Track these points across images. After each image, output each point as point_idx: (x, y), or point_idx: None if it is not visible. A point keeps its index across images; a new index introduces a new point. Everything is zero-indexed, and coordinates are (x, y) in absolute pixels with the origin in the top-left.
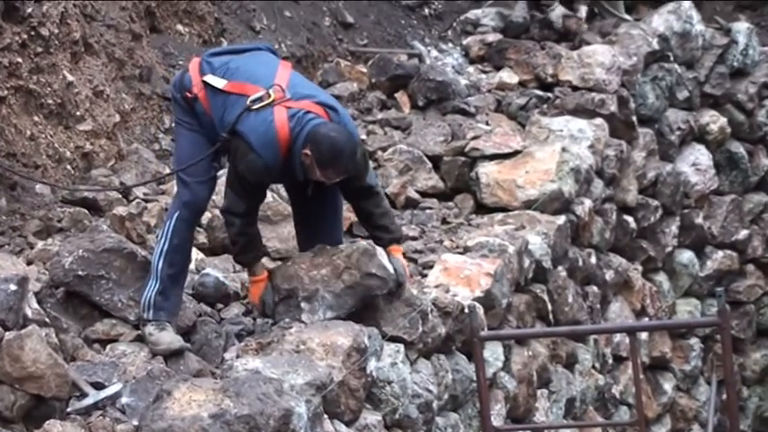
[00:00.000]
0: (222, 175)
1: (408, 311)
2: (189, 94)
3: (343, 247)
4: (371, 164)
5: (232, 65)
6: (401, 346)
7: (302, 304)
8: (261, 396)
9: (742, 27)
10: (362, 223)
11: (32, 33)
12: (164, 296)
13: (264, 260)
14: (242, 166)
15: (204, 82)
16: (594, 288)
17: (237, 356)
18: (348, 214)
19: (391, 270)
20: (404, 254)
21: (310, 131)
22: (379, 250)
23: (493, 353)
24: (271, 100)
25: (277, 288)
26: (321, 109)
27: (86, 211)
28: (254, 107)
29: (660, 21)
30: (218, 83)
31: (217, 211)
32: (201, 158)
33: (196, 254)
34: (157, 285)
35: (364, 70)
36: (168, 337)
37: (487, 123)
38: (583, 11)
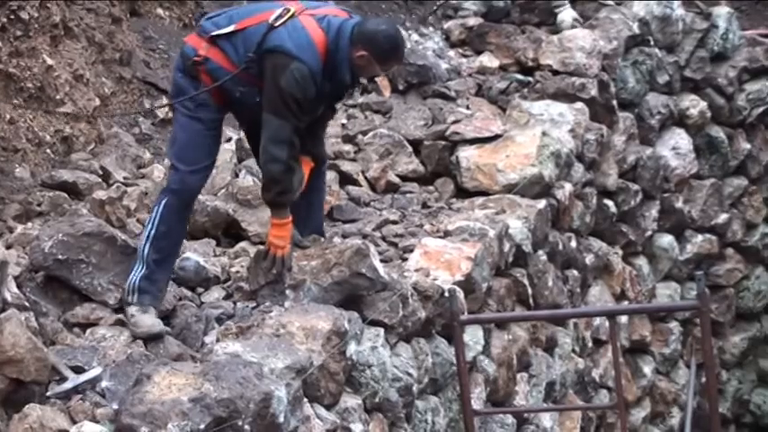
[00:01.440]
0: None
1: (388, 295)
2: (197, 59)
3: (337, 241)
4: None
5: (233, 13)
6: (381, 330)
7: (287, 291)
8: (241, 380)
9: (722, 11)
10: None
11: (12, 17)
12: (149, 281)
13: (245, 244)
14: (284, 79)
15: (212, 37)
16: (575, 272)
17: (217, 340)
18: (329, 198)
19: (382, 273)
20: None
21: (355, 32)
22: (372, 251)
23: (473, 336)
24: (291, 13)
25: (265, 272)
26: (342, 11)
27: (66, 195)
28: (277, 23)
29: (641, 5)
30: (228, 29)
31: (199, 197)
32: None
33: None
34: (143, 270)
35: None
36: (149, 321)
37: (468, 107)
38: None
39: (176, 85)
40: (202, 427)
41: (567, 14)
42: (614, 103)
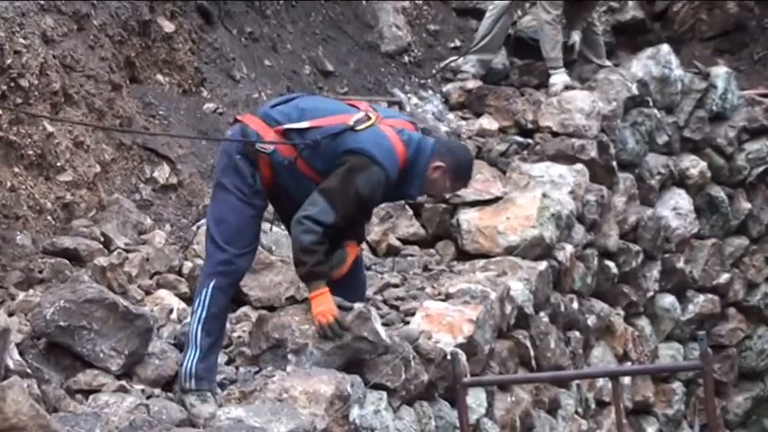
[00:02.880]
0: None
1: (391, 359)
2: (264, 148)
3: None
4: None
5: (304, 106)
6: (384, 394)
7: (289, 356)
8: None
9: (721, 71)
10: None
11: (12, 84)
12: (204, 364)
13: (246, 309)
14: (361, 178)
15: (285, 130)
16: (577, 333)
17: (220, 405)
18: None
19: (384, 337)
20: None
21: (435, 145)
22: (374, 314)
23: (476, 399)
24: (373, 120)
25: (267, 336)
26: (412, 126)
27: (67, 262)
28: (358, 127)
29: (639, 66)
30: (302, 125)
31: (199, 261)
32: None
33: (178, 303)
34: (197, 354)
35: None
36: (210, 409)
37: None
38: (577, 42)
39: (235, 167)
40: None
41: (558, 78)
42: (614, 163)
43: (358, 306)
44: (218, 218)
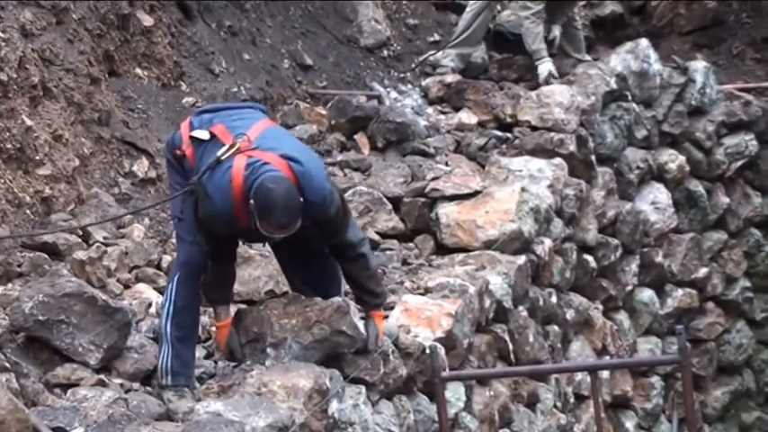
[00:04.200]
0: None
1: (369, 353)
2: (178, 152)
3: (318, 300)
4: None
5: (216, 120)
6: (363, 388)
7: (268, 350)
8: None
9: (699, 66)
10: (348, 284)
11: None
12: (179, 360)
13: None
14: (200, 211)
15: (191, 137)
16: (555, 327)
17: (198, 400)
18: None
19: (362, 331)
20: (386, 316)
21: (258, 184)
22: (353, 309)
23: (454, 393)
24: (236, 149)
25: (245, 329)
26: (282, 161)
27: (46, 256)
28: (223, 158)
29: (618, 60)
30: (203, 135)
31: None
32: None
33: (157, 297)
34: (170, 350)
35: (324, 112)
36: (188, 404)
37: (447, 164)
38: (557, 36)
39: (170, 165)
40: None
41: (544, 67)
42: (593, 158)
43: (336, 300)
44: (173, 215)
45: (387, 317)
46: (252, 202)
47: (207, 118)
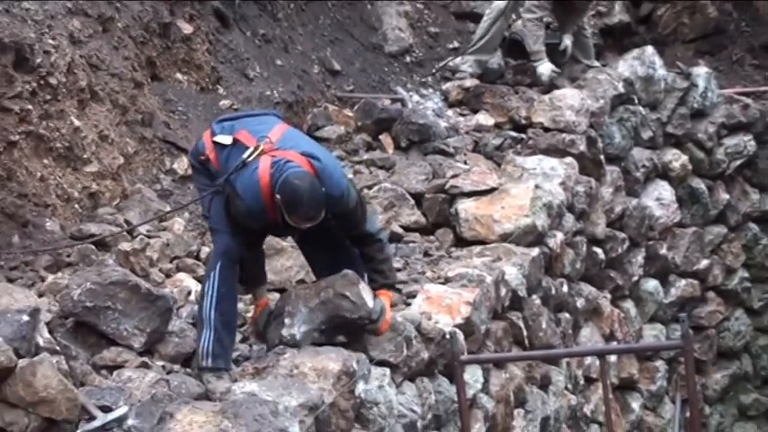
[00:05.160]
0: None
1: (393, 336)
2: (202, 158)
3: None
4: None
5: (237, 125)
6: (387, 370)
7: (286, 320)
8: (257, 417)
9: (701, 71)
10: (365, 263)
11: (42, 82)
12: (220, 343)
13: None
14: (232, 208)
15: (214, 142)
16: (566, 315)
17: (235, 381)
18: None
19: (368, 303)
20: (393, 305)
21: (281, 179)
22: (363, 284)
23: (473, 375)
24: (260, 150)
25: (275, 306)
26: (303, 159)
27: (93, 247)
28: (249, 160)
29: (625, 66)
30: (226, 140)
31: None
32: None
33: (196, 285)
34: (212, 334)
35: (351, 114)
36: (224, 386)
37: (466, 163)
38: (568, 46)
39: (195, 169)
40: None
41: (544, 68)
42: (602, 157)
43: (348, 271)
44: (205, 212)
45: (396, 304)
46: (279, 197)
47: (227, 125)
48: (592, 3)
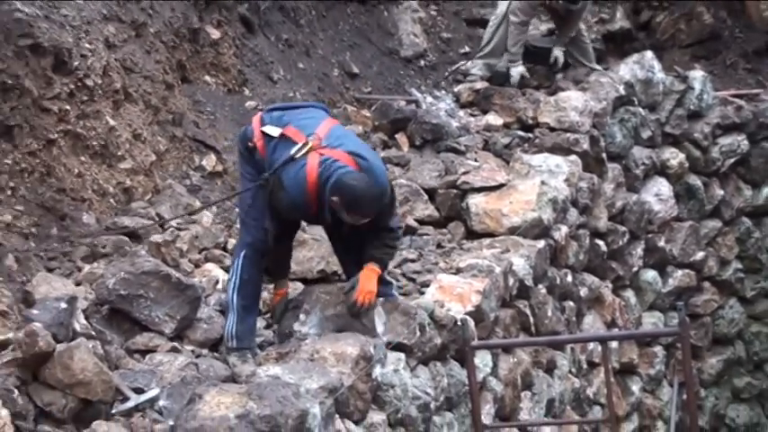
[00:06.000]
0: None
1: (405, 319)
2: (250, 144)
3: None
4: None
5: (285, 118)
6: (402, 355)
7: (301, 316)
8: (280, 399)
9: (698, 75)
10: (370, 242)
11: (79, 84)
12: (241, 325)
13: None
14: (275, 199)
15: (262, 132)
16: (571, 303)
17: (259, 364)
18: None
19: (378, 328)
20: (381, 279)
21: (336, 180)
22: (378, 309)
23: (482, 360)
24: (309, 147)
25: (295, 297)
26: (350, 157)
27: (127, 239)
28: (297, 156)
29: (626, 70)
30: (274, 131)
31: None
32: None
33: (223, 275)
34: (235, 317)
35: (368, 114)
36: (248, 369)
37: (476, 160)
38: (559, 57)
39: (241, 155)
40: None
41: (515, 71)
42: (604, 155)
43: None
44: (241, 200)
45: (386, 281)
46: (336, 198)
47: (277, 115)
48: (582, 15)
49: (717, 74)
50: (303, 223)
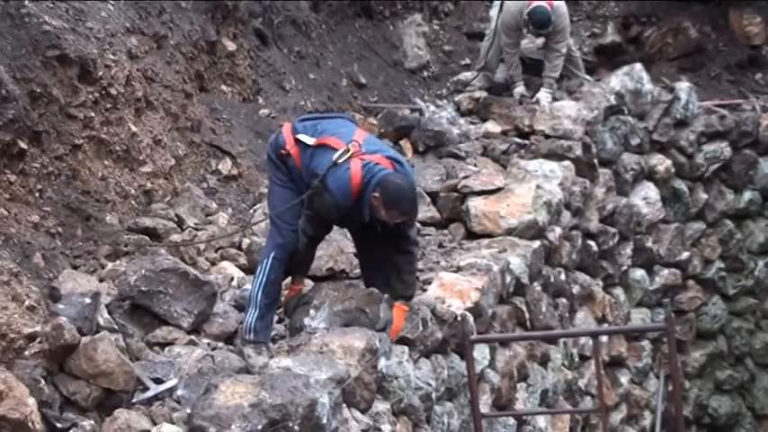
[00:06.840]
0: None
1: (409, 315)
2: (283, 152)
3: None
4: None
5: (319, 127)
6: (406, 348)
7: (311, 311)
8: (291, 389)
9: (684, 86)
10: (390, 272)
11: (103, 92)
12: (261, 321)
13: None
14: (317, 202)
15: (297, 139)
16: (564, 300)
17: (272, 357)
18: None
19: (382, 318)
20: (406, 318)
21: (380, 178)
22: (384, 305)
23: (481, 353)
24: (350, 154)
25: (304, 294)
26: (389, 162)
27: (148, 238)
28: (339, 161)
29: (616, 81)
30: (309, 140)
31: (255, 238)
32: (294, 203)
33: (238, 272)
34: (257, 312)
35: (375, 122)
36: (262, 361)
37: (475, 165)
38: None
39: (271, 161)
40: (260, 427)
41: (516, 91)
42: (595, 161)
43: (375, 290)
44: (270, 204)
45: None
46: (378, 195)
47: (310, 124)
48: (562, 36)
49: (702, 85)
50: None
